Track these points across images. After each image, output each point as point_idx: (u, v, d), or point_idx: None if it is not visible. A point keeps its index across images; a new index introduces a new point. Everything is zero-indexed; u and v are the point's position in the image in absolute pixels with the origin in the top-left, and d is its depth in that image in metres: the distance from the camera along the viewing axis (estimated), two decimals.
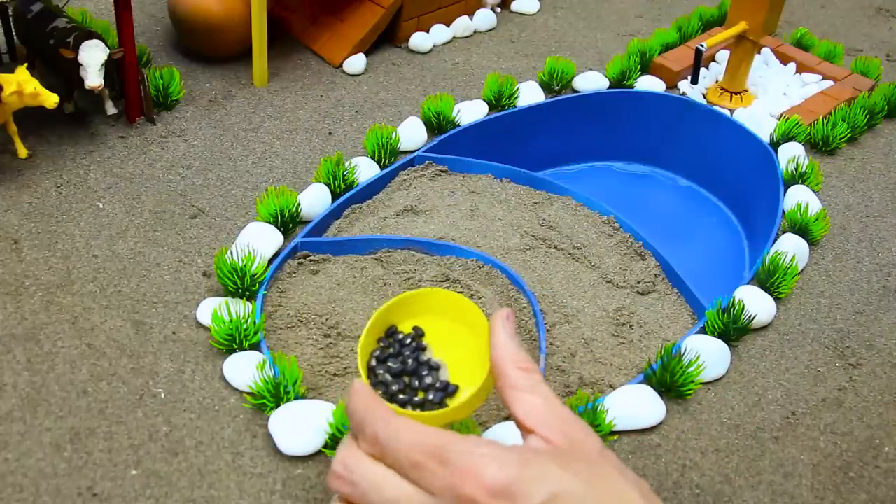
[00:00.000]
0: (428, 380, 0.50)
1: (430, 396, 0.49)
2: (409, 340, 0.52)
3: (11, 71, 0.83)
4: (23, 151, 0.88)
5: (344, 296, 0.76)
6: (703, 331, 0.77)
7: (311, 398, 0.67)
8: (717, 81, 1.13)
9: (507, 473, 0.37)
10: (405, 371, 0.51)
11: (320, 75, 1.09)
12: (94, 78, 0.86)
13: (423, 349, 0.52)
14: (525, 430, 0.43)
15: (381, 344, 0.53)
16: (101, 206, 0.85)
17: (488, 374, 0.47)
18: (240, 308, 0.71)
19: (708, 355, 0.72)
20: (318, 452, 0.64)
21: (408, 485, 0.40)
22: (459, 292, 0.76)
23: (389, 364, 0.51)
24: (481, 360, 0.50)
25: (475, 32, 1.21)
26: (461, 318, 0.53)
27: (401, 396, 0.50)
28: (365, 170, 0.91)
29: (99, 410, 0.66)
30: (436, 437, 0.40)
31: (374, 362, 0.52)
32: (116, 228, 0.82)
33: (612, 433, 0.67)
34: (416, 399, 0.50)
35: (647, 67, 1.13)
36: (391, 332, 0.53)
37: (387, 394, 0.50)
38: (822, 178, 0.97)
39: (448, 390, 0.50)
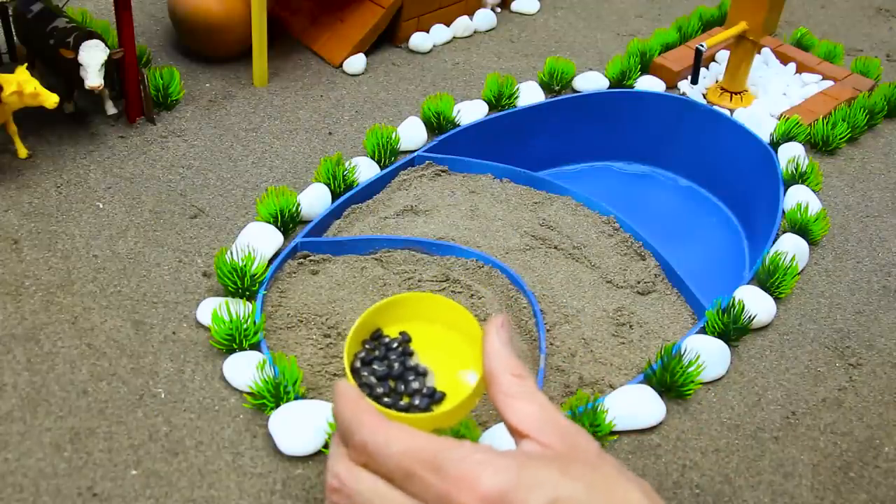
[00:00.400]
0: (415, 385, 0.49)
1: (417, 402, 0.49)
2: (395, 345, 0.52)
3: (11, 71, 0.83)
4: (23, 151, 0.88)
5: (344, 296, 0.76)
6: (703, 331, 0.77)
7: (311, 398, 0.67)
8: (717, 81, 1.12)
9: (502, 480, 0.36)
10: (391, 375, 0.50)
11: (320, 75, 1.09)
12: (94, 78, 0.86)
13: (410, 354, 0.52)
14: (519, 437, 0.41)
15: (367, 346, 0.52)
16: (101, 206, 0.85)
17: (480, 380, 0.47)
18: (240, 308, 0.71)
19: (708, 355, 0.72)
20: (318, 452, 0.64)
21: (401, 496, 0.38)
22: (459, 292, 0.77)
23: (374, 367, 0.50)
24: (472, 367, 0.50)
25: (475, 32, 1.21)
26: (452, 324, 0.52)
27: (385, 400, 0.49)
28: (365, 170, 0.91)
29: (99, 410, 0.66)
30: (428, 444, 0.38)
31: (358, 364, 0.51)
32: (116, 228, 0.82)
33: (612, 433, 0.67)
34: (402, 403, 0.49)
35: (647, 67, 1.13)
36: (377, 335, 0.53)
37: (371, 396, 0.49)
38: (822, 178, 0.97)
39: (435, 397, 0.49)
